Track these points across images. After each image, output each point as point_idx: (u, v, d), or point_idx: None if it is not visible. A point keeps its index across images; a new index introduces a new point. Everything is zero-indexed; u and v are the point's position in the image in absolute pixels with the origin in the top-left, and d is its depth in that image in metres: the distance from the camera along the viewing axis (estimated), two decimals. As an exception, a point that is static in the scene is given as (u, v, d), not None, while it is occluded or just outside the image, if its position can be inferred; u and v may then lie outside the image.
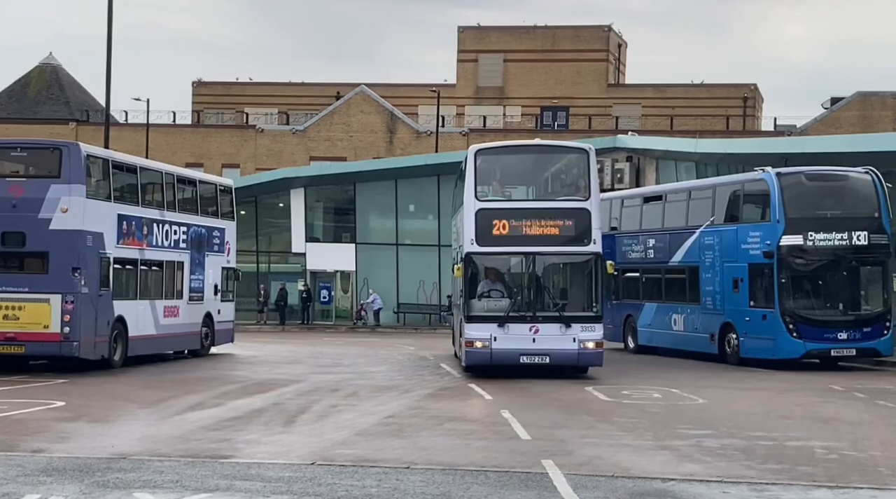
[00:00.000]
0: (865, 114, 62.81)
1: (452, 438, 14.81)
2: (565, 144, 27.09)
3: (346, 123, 64.33)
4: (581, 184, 23.48)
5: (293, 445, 13.98)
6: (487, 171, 23.75)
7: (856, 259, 26.68)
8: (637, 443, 14.58)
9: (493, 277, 23.61)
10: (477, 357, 22.97)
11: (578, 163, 23.74)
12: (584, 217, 22.92)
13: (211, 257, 30.57)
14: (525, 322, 22.74)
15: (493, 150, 24.79)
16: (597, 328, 22.78)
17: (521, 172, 25.11)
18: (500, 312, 22.95)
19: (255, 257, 49.24)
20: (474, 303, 23.16)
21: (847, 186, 27.31)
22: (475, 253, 23.02)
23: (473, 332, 22.93)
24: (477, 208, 23.03)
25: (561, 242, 23.15)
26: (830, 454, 13.78)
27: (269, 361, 28.44)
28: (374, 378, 23.59)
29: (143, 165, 28.26)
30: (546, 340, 22.62)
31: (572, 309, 23.08)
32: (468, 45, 75.91)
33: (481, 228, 22.92)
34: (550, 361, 22.81)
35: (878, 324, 26.61)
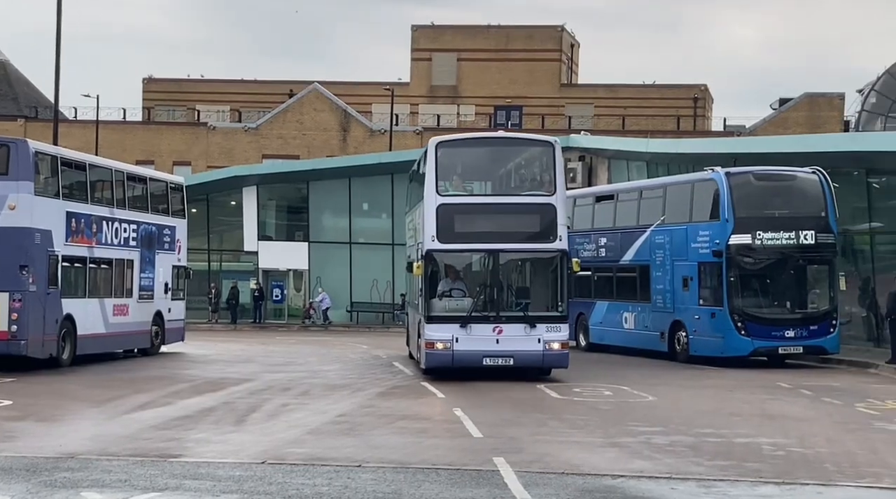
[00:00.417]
0: (813, 115, 63.49)
1: (404, 436, 14.82)
2: (530, 136, 26.05)
3: (299, 121, 64.10)
4: (546, 178, 22.78)
5: (244, 444, 13.93)
6: (448, 164, 22.92)
7: (803, 258, 26.93)
8: (587, 440, 14.65)
9: (454, 276, 23.00)
10: (438, 359, 22.19)
11: (543, 156, 23.04)
12: (549, 213, 22.22)
13: (161, 255, 30.36)
14: (488, 322, 22.02)
15: (454, 142, 23.96)
16: (562, 328, 22.12)
17: (484, 165, 24.19)
18: (461, 312, 22.21)
19: (206, 256, 48.91)
20: (435, 303, 22.42)
21: (795, 186, 27.57)
22: (436, 250, 22.26)
23: (434, 333, 22.10)
24: (438, 204, 22.25)
25: (525, 239, 22.56)
26: (777, 451, 13.91)
27: (221, 360, 28.29)
28: (327, 377, 23.53)
29: (92, 163, 28.01)
30: (510, 341, 21.93)
31: (537, 309, 22.41)
32: (422, 44, 75.92)
33: (442, 225, 22.17)
34: (515, 362, 22.08)
35: (824, 322, 26.88)
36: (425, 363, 22.57)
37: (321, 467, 12.13)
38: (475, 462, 12.61)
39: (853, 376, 24.98)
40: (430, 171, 22.48)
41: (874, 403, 19.33)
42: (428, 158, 22.65)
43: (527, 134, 25.73)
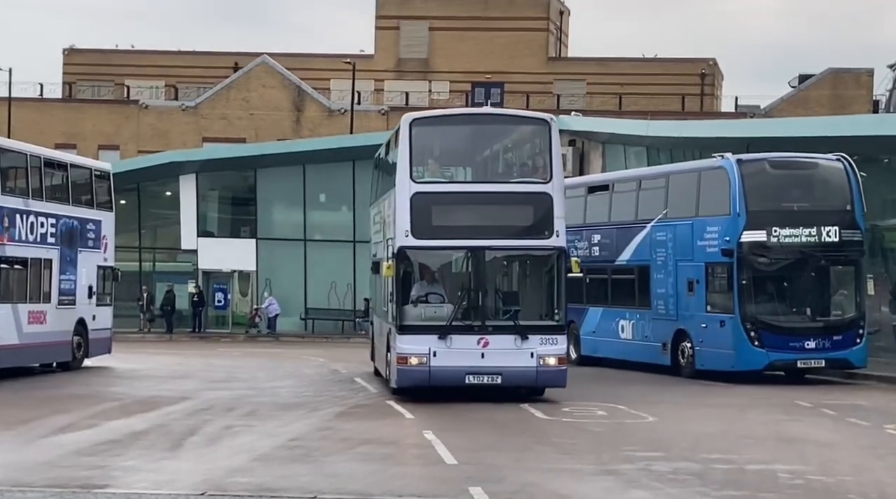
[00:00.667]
0: (837, 93, 63.87)
1: (367, 463, 14.82)
2: (521, 113, 25.57)
3: (246, 99, 63.97)
4: (540, 162, 22.13)
5: (180, 472, 13.90)
6: (425, 145, 22.34)
7: (826, 258, 27.08)
8: (578, 467, 14.69)
9: (431, 278, 22.52)
10: (412, 377, 21.47)
11: (537, 136, 22.38)
12: (544, 203, 21.61)
13: (85, 254, 30.26)
14: (472, 333, 21.28)
15: (432, 120, 23.32)
16: (559, 341, 21.47)
17: (467, 147, 23.47)
18: (440, 320, 21.50)
19: (137, 255, 48.76)
20: (409, 310, 21.72)
21: (816, 175, 27.72)
22: (410, 247, 21.56)
23: (407, 345, 21.33)
24: (413, 192, 21.53)
25: (516, 235, 22.04)
26: (796, 480, 13.99)
27: (154, 376, 28.21)
28: (277, 395, 23.50)
29: (2, 146, 27.89)
30: (498, 355, 21.18)
31: (530, 317, 21.82)
32: (388, 11, 75.86)
33: (418, 217, 21.45)
34: (503, 381, 21.42)
35: (849, 331, 27.03)
36: (396, 381, 21.94)
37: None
38: (449, 493, 12.63)
39: (883, 394, 25.15)
40: (403, 153, 21.82)
41: (906, 424, 19.47)
42: (400, 138, 21.97)
43: (517, 110, 24.74)
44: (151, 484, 13.06)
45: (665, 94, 67.80)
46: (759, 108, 65.28)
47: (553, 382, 21.77)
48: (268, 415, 19.93)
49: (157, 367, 31.02)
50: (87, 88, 70.92)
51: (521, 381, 21.74)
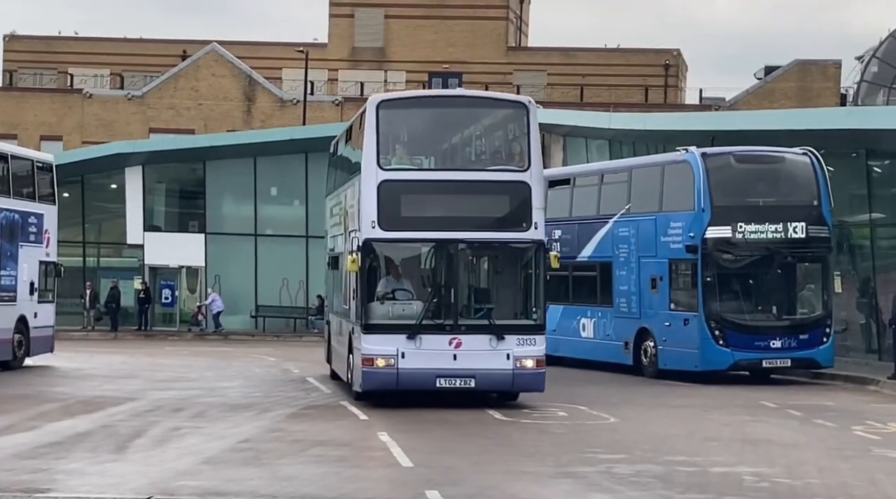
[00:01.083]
0: (804, 86, 64.21)
1: (319, 465, 14.81)
2: (498, 95, 24.04)
3: (195, 89, 63.63)
4: (518, 149, 21.27)
5: (126, 475, 13.85)
6: (393, 130, 21.47)
7: (792, 255, 27.27)
8: (538, 470, 14.72)
9: (399, 273, 21.50)
10: (378, 380, 20.55)
11: (515, 121, 21.54)
12: (522, 193, 20.82)
13: (26, 249, 30.04)
14: (443, 333, 20.49)
15: (401, 101, 22.70)
16: (538, 341, 20.71)
17: (439, 132, 22.56)
18: (409, 319, 20.71)
19: (81, 250, 48.39)
20: (375, 307, 20.83)
21: (782, 170, 27.89)
22: (377, 240, 20.64)
23: (374, 346, 20.44)
24: (380, 180, 20.65)
25: (492, 226, 21.14)
26: (761, 482, 14.08)
27: (98, 375, 28.04)
28: (227, 395, 23.42)
29: (-58, 136, 27.66)
30: (471, 357, 20.37)
31: (506, 315, 21.07)
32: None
33: (386, 207, 20.59)
34: (476, 384, 20.60)
35: (816, 330, 27.22)
36: (361, 385, 20.99)
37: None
38: (405, 496, 12.64)
39: (850, 394, 25.33)
40: (369, 138, 20.89)
41: (874, 425, 19.62)
42: (366, 121, 21.05)
43: (493, 93, 23.78)
44: (96, 488, 12.99)
45: (628, 85, 68.00)
46: (724, 101, 65.57)
47: (531, 386, 21.05)
48: (217, 416, 19.86)
49: (101, 366, 30.83)
50: (29, 76, 70.33)
51: (496, 385, 21.07)
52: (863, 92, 62.14)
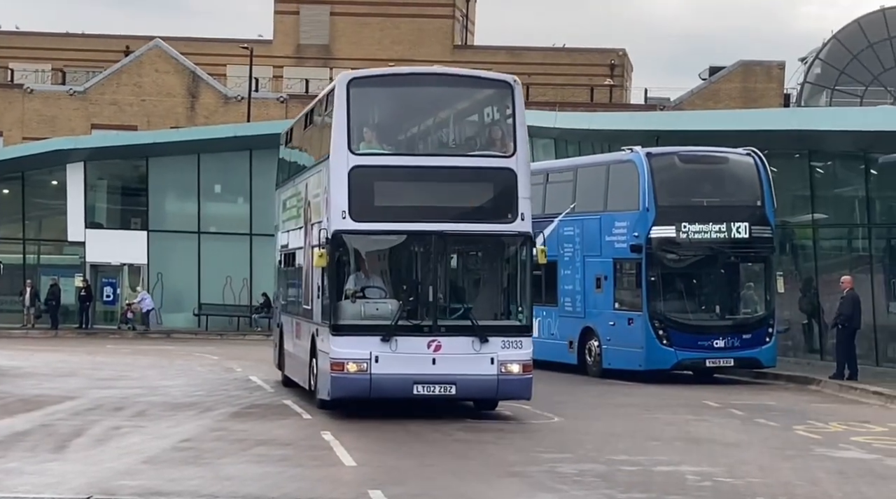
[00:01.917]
0: (748, 86, 64.67)
1: (262, 465, 14.75)
2: (480, 74, 21.55)
3: (138, 85, 63.22)
4: (502, 133, 19.56)
5: (65, 475, 13.74)
6: (366, 110, 19.66)
7: (735, 255, 27.44)
8: (482, 470, 14.73)
9: (372, 269, 19.72)
10: (348, 387, 18.66)
11: (499, 102, 19.88)
12: (507, 181, 19.08)
13: (-34, 246, 29.73)
14: (422, 335, 18.62)
15: (374, 79, 20.56)
16: (524, 344, 18.92)
17: (415, 113, 20.61)
18: (383, 319, 18.81)
19: (21, 246, 47.92)
20: (345, 306, 18.94)
21: (726, 170, 28.07)
22: (348, 232, 18.82)
23: (344, 349, 18.55)
24: (351, 166, 18.79)
25: (475, 217, 19.28)
26: (703, 481, 14.16)
27: (37, 374, 27.78)
28: (168, 394, 23.27)
29: None
30: (451, 361, 18.54)
31: (489, 315, 19.39)
32: (287, -6, 75.45)
33: (358, 196, 18.76)
34: (457, 391, 18.87)
35: (759, 330, 27.40)
36: (330, 392, 19.07)
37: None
38: (348, 496, 12.62)
39: (792, 394, 25.52)
40: (339, 119, 19.00)
41: (815, 425, 19.78)
42: (336, 101, 19.15)
43: (474, 71, 21.41)
44: (35, 487, 12.89)
45: (574, 84, 68.21)
46: (669, 101, 65.94)
47: (517, 393, 19.24)
48: (158, 415, 19.74)
49: (41, 364, 30.56)
50: (-32, 71, 69.65)
51: (478, 392, 19.29)
52: (806, 93, 62.76)
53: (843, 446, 17.37)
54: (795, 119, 35.11)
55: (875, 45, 61.05)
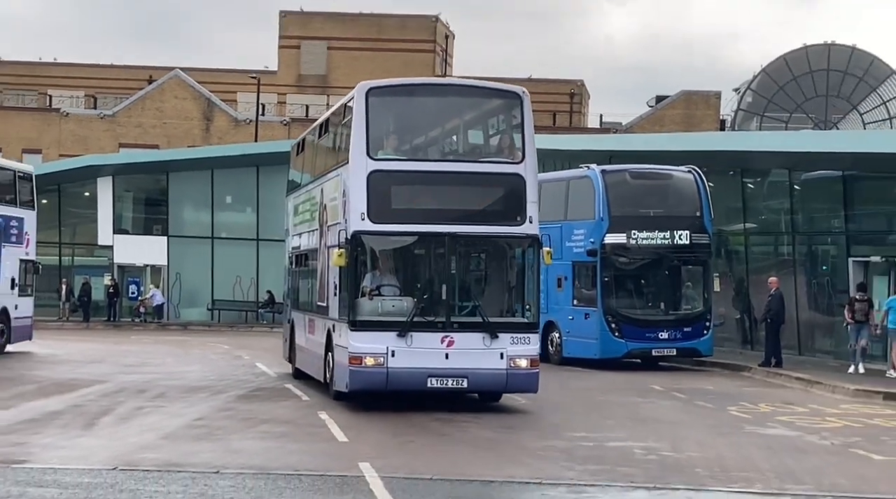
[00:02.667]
0: (689, 113, 64.81)
1: (266, 440, 14.68)
2: (491, 85, 20.15)
3: (159, 109, 63.02)
4: (512, 141, 18.51)
5: (93, 449, 13.63)
6: (384, 118, 18.44)
7: (678, 258, 27.48)
8: (458, 447, 14.65)
9: (387, 268, 18.59)
10: (366, 380, 17.42)
11: (509, 112, 18.74)
12: (516, 186, 17.95)
13: (8, 249, 29.54)
14: (435, 331, 17.39)
15: (391, 89, 19.12)
16: (532, 340, 17.82)
17: (431, 121, 19.45)
18: (399, 316, 17.55)
19: (57, 249, 47.75)
20: (363, 303, 17.70)
21: (670, 185, 28.11)
22: (366, 233, 17.53)
23: (362, 343, 17.36)
24: (370, 170, 17.55)
25: (486, 220, 18.07)
26: (650, 455, 14.14)
27: (71, 361, 27.64)
28: (185, 378, 23.14)
29: (-67, 148, 27.12)
30: (464, 356, 17.38)
31: (499, 313, 18.19)
32: (290, 31, 75.30)
33: (376, 199, 17.53)
34: (469, 385, 17.68)
35: (698, 324, 27.45)
36: (349, 385, 17.72)
37: (177, 474, 11.92)
38: (340, 467, 12.54)
39: (726, 379, 25.55)
40: (357, 126, 17.82)
41: (746, 406, 19.79)
42: (355, 109, 18.01)
43: (486, 82, 19.84)
44: (66, 459, 12.77)
45: (539, 110, 67.45)
46: (621, 125, 66.02)
47: (524, 386, 18.11)
48: (175, 397, 19.63)
49: (74, 352, 30.40)
50: (13, 97, 69.31)
51: (488, 385, 18.07)
52: (739, 119, 62.89)
53: (770, 425, 17.39)
54: (730, 141, 35.25)
55: (798, 78, 61.21)
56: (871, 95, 61.22)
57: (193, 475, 11.86)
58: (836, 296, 29.09)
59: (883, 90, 61.17)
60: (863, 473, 13.29)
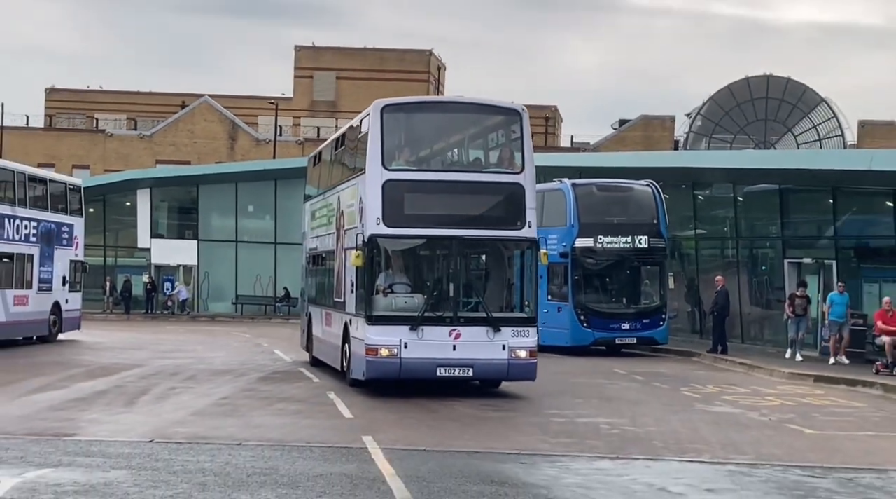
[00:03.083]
0: (648, 134, 64.88)
1: (282, 417, 14.63)
2: (494, 102, 18.87)
3: (191, 130, 62.94)
4: (512, 153, 17.67)
5: (133, 424, 13.59)
6: (397, 132, 17.77)
7: (638, 260, 27.53)
8: (448, 423, 14.64)
9: (400, 267, 18.00)
10: (381, 369, 16.83)
11: (510, 126, 17.96)
12: (517, 194, 17.26)
13: (60, 250, 29.48)
14: (444, 325, 16.80)
15: (404, 106, 18.47)
16: (531, 333, 17.23)
17: (439, 135, 18.88)
18: (412, 311, 16.94)
19: (102, 251, 47.66)
20: (378, 300, 17.08)
21: (631, 197, 28.15)
22: (381, 236, 16.92)
23: (377, 336, 16.76)
24: (385, 179, 16.93)
25: (489, 225, 17.40)
26: (613, 429, 14.14)
27: (114, 348, 27.58)
28: (212, 363, 23.08)
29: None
30: (469, 347, 16.81)
31: (501, 309, 17.55)
32: (304, 63, 75.26)
33: (390, 205, 16.89)
34: (474, 373, 17.07)
35: (655, 316, 27.49)
36: (365, 373, 17.09)
37: (205, 445, 11.89)
38: (346, 440, 12.52)
39: (679, 364, 25.58)
40: (373, 140, 17.17)
41: (696, 387, 19.82)
42: (371, 124, 17.33)
43: (488, 99, 19.00)
44: (110, 433, 12.74)
45: (518, 132, 68.06)
46: (589, 144, 66.06)
47: (524, 374, 17.48)
48: (204, 379, 19.58)
49: (116, 341, 30.33)
50: (64, 120, 69.17)
51: (492, 373, 17.48)
52: (691, 140, 62.95)
53: (717, 403, 17.40)
54: (682, 159, 35.28)
55: (741, 105, 61.29)
56: (803, 120, 61.32)
57: (219, 447, 11.84)
58: (773, 292, 29.16)
59: (814, 115, 61.29)
60: (796, 444, 13.31)
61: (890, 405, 17.84)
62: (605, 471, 11.17)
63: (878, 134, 62.73)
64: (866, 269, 26.21)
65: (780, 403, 17.58)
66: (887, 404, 18.08)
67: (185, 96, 69.46)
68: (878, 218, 25.92)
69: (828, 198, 26.75)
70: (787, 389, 19.95)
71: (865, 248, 26.54)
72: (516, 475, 10.66)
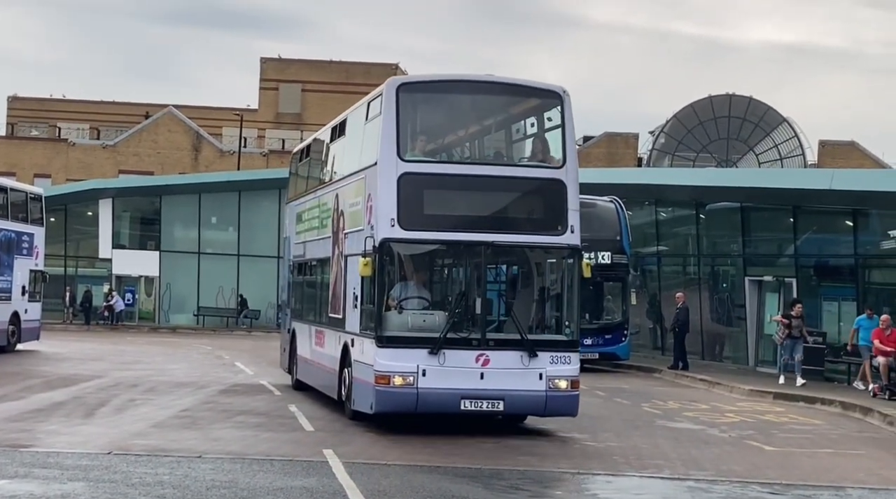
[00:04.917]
0: (611, 151, 65.25)
1: (242, 430, 14.52)
2: (531, 83, 15.45)
3: (154, 141, 62.56)
4: (553, 144, 14.90)
5: (91, 435, 13.43)
6: (414, 116, 14.80)
7: (600, 276, 27.47)
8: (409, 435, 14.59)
9: (417, 278, 14.90)
10: (394, 401, 13.88)
11: (549, 112, 14.99)
12: (557, 192, 14.48)
13: (19, 260, 29.15)
14: (470, 348, 13.88)
15: (424, 85, 15.25)
16: (573, 360, 14.36)
17: (466, 120, 15.78)
18: (431, 331, 14.00)
19: (62, 261, 47.19)
20: (391, 317, 14.10)
21: (594, 213, 28.19)
22: (397, 240, 14.01)
23: (390, 361, 13.83)
24: (401, 173, 14.00)
25: (524, 229, 14.50)
26: (575, 444, 14.17)
27: (73, 358, 27.28)
28: (172, 375, 22.90)
29: (-46, 172, 26.72)
30: (500, 376, 13.89)
31: (537, 329, 14.64)
32: (270, 75, 75.06)
33: (407, 203, 13.98)
34: (505, 408, 14.07)
35: (617, 332, 27.57)
36: (374, 406, 14.11)
37: (164, 458, 11.78)
38: (306, 454, 12.45)
39: (641, 380, 25.67)
40: (387, 125, 14.16)
41: (657, 403, 19.89)
42: (384, 106, 14.33)
43: (526, 79, 15.59)
44: (68, 444, 12.59)
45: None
46: (554, 161, 66.19)
47: (564, 409, 14.47)
48: (164, 391, 19.41)
49: (76, 351, 30.00)
50: (26, 128, 68.55)
51: (527, 408, 14.55)
52: (654, 157, 63.40)
53: (677, 419, 17.47)
54: (646, 176, 35.47)
55: (704, 123, 61.82)
56: (765, 139, 61.94)
57: (178, 459, 11.73)
58: (734, 309, 29.34)
59: (775, 135, 61.91)
60: (755, 461, 13.39)
61: (848, 423, 18.01)
62: (566, 486, 11.17)
63: (839, 154, 63.47)
64: (826, 287, 26.46)
65: (740, 419, 17.68)
66: (846, 421, 18.25)
67: (150, 106, 69.06)
68: (837, 237, 26.20)
69: (788, 216, 27.00)
70: (747, 405, 20.08)
71: (825, 266, 26.81)
72: (477, 491, 10.64)
